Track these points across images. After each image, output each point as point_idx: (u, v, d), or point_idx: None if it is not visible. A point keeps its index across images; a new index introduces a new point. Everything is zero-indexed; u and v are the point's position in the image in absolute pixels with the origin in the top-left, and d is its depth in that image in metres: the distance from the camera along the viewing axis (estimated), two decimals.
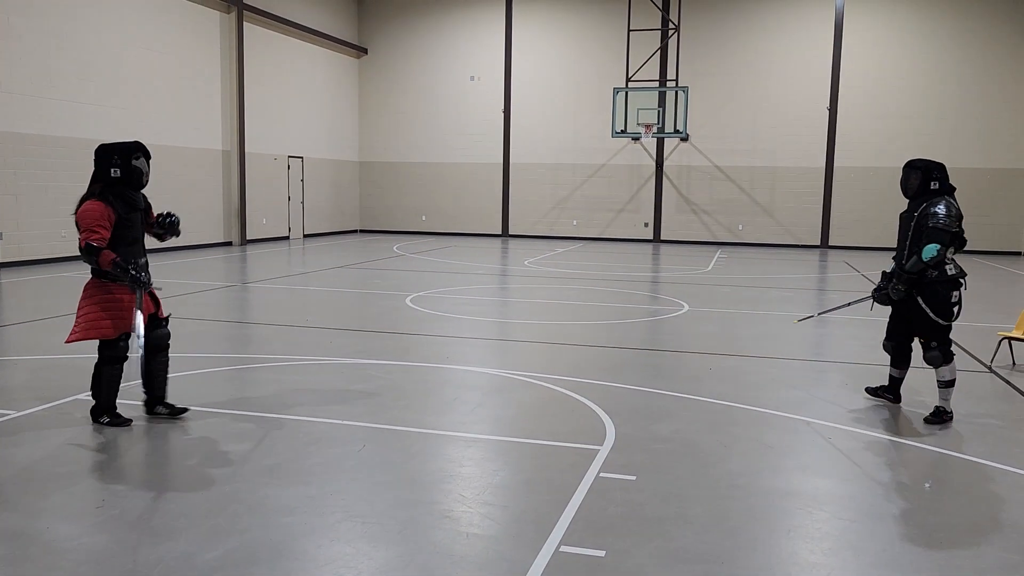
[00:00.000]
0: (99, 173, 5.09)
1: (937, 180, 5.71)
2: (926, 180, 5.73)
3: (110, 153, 5.07)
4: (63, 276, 13.39)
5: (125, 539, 3.68)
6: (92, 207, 5.01)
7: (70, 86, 15.42)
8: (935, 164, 5.79)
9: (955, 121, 21.83)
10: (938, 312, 5.69)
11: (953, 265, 5.68)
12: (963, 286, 5.77)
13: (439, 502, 4.20)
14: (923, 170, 5.76)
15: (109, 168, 5.04)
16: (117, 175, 5.07)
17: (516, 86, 24.69)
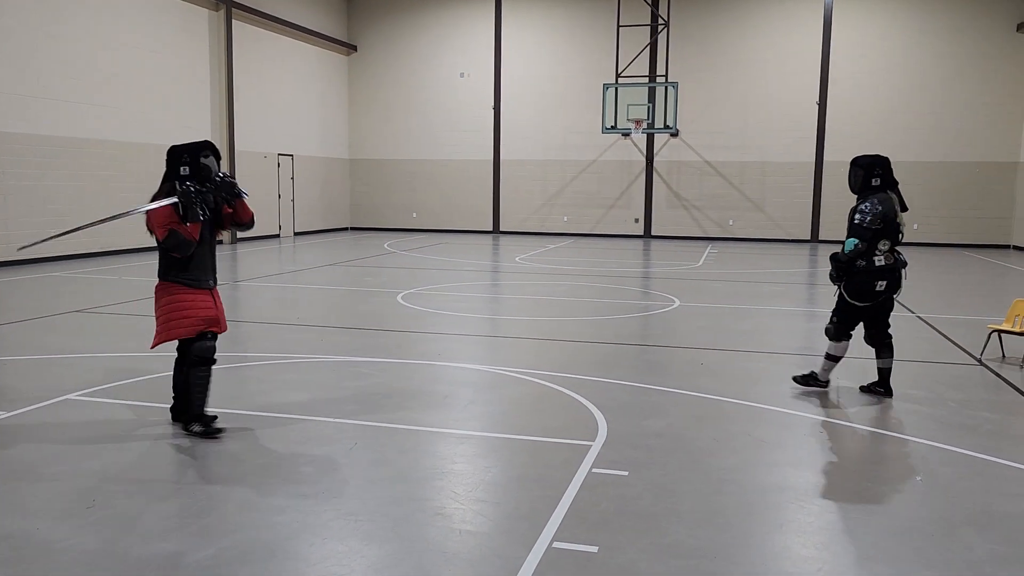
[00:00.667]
0: (170, 172, 5.14)
1: (879, 176, 6.06)
2: (868, 177, 6.08)
3: (180, 152, 5.14)
4: (53, 276, 13.31)
5: (116, 539, 3.66)
6: (156, 212, 5.01)
7: (58, 85, 15.32)
8: (878, 161, 6.11)
9: (944, 115, 21.91)
10: (853, 293, 6.13)
11: (885, 257, 6.04)
12: (903, 276, 6.14)
13: (431, 499, 4.20)
14: (865, 168, 6.09)
15: (179, 166, 5.09)
16: (186, 172, 5.09)
17: (506, 82, 24.65)
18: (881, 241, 5.99)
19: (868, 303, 6.12)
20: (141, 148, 17.47)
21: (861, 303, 6.12)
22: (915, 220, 22.43)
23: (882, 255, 6.03)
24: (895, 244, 6.07)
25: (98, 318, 9.48)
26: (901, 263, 6.11)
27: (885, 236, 6.00)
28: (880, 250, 6.02)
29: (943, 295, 12.63)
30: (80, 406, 5.79)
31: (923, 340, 8.78)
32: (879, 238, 5.99)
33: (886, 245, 6.02)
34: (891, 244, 6.04)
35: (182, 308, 5.03)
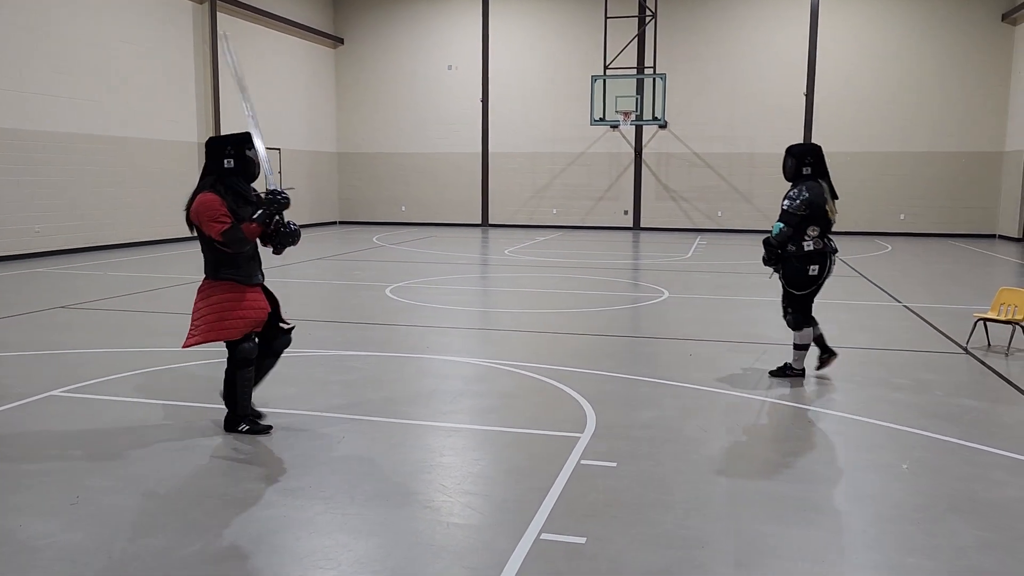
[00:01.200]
0: (212, 164, 4.87)
1: (809, 165, 6.24)
2: (799, 165, 6.25)
3: (223, 143, 4.87)
4: (37, 272, 13.20)
5: (100, 535, 3.63)
6: (207, 198, 4.75)
7: (44, 79, 15.16)
8: (809, 149, 6.30)
9: (930, 105, 21.99)
10: (791, 283, 6.30)
11: (814, 242, 6.22)
12: (832, 261, 6.32)
13: (420, 492, 4.18)
14: (797, 156, 6.27)
15: (223, 159, 4.83)
16: (231, 165, 4.85)
17: (494, 75, 24.59)
18: (810, 227, 6.18)
19: (810, 288, 6.31)
20: (126, 143, 17.33)
21: (804, 291, 6.29)
22: (901, 210, 22.54)
23: (811, 240, 6.20)
24: (825, 230, 6.25)
25: (83, 313, 9.41)
26: (831, 249, 6.31)
27: (814, 222, 6.17)
28: (809, 235, 6.20)
29: (929, 284, 12.69)
30: (65, 402, 5.75)
31: (909, 329, 8.82)
32: (807, 223, 6.17)
33: (815, 231, 6.20)
34: (820, 230, 6.21)
35: (236, 308, 4.82)
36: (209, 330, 4.79)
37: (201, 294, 4.92)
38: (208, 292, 4.88)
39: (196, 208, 4.75)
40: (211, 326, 4.79)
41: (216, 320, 4.79)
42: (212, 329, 4.79)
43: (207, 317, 4.81)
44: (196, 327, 4.84)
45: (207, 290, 4.89)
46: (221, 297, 4.82)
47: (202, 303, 4.88)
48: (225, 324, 4.80)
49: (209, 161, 4.87)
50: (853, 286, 12.27)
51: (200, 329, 4.82)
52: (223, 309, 4.81)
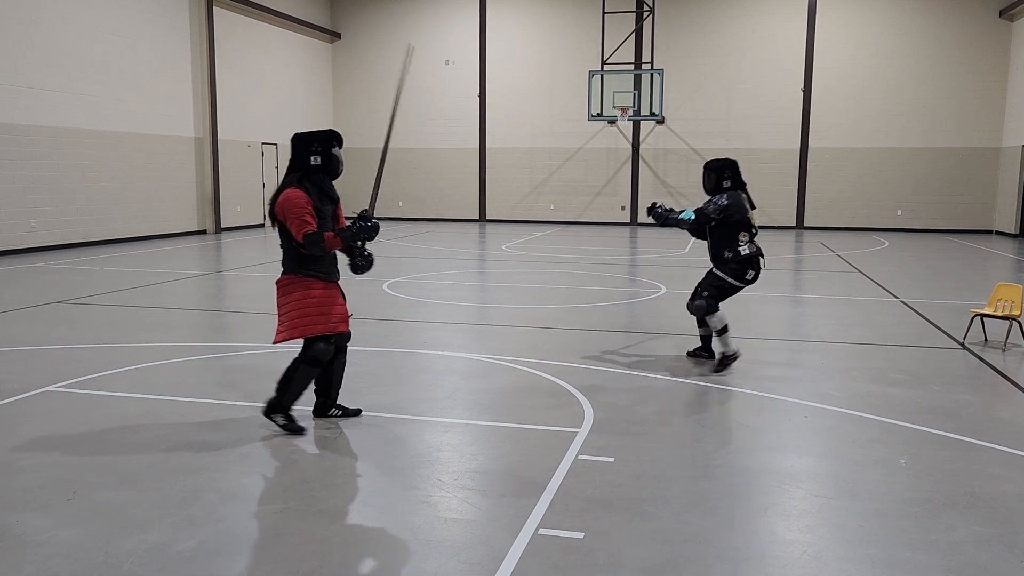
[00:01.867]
0: (298, 161, 4.83)
1: (728, 178, 6.65)
2: (720, 179, 6.66)
3: (310, 141, 4.83)
4: (32, 267, 13.16)
5: (97, 531, 3.62)
6: (294, 194, 4.73)
7: (37, 73, 15.10)
8: (728, 164, 6.70)
9: (928, 101, 22.00)
10: (729, 275, 6.71)
11: (748, 246, 6.65)
12: (762, 265, 6.75)
13: (417, 487, 4.18)
14: (716, 171, 6.67)
15: (309, 156, 4.79)
16: (318, 163, 4.81)
17: (491, 70, 24.54)
18: (740, 234, 6.63)
19: (742, 285, 6.75)
20: (121, 137, 17.28)
21: (739, 283, 6.71)
22: (898, 206, 22.56)
23: (746, 244, 6.64)
24: (751, 237, 6.71)
25: (79, 309, 9.39)
26: (761, 253, 6.75)
27: (742, 229, 6.62)
28: (742, 240, 6.64)
29: (926, 280, 12.70)
30: (61, 397, 5.73)
31: (906, 324, 8.83)
32: (737, 230, 6.62)
33: (746, 236, 6.65)
34: (749, 236, 6.67)
35: (322, 305, 4.84)
36: (293, 327, 4.81)
37: (283, 290, 4.89)
38: (291, 288, 4.85)
39: (282, 204, 4.73)
40: (294, 323, 4.80)
41: (299, 317, 4.80)
42: (296, 326, 4.81)
43: (291, 314, 4.82)
44: (283, 323, 4.86)
45: (289, 286, 4.86)
46: (304, 294, 4.82)
47: (285, 299, 4.86)
48: (306, 322, 4.82)
49: (295, 157, 4.85)
50: (850, 282, 12.28)
51: (286, 325, 4.84)
52: (305, 306, 4.82)
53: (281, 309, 4.88)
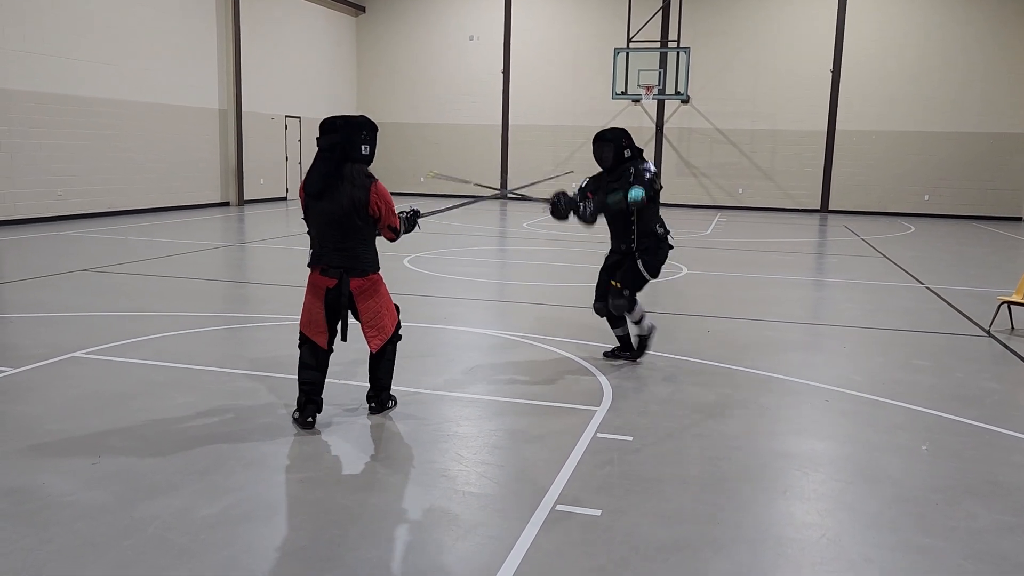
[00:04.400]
0: (347, 147, 4.44)
1: (628, 147, 5.89)
2: (619, 149, 5.87)
3: (359, 127, 4.48)
4: (59, 235, 13.31)
5: (122, 495, 3.68)
6: (384, 188, 4.57)
7: (64, 42, 15.18)
8: (622, 132, 5.93)
9: (958, 85, 21.59)
10: (650, 269, 5.96)
11: (662, 224, 5.98)
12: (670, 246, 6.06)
13: (435, 461, 4.20)
14: (614, 140, 5.87)
15: (360, 144, 4.46)
16: (367, 153, 4.51)
17: (516, 46, 24.36)
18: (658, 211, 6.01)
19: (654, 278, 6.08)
20: (147, 108, 17.36)
21: (654, 276, 6.03)
22: (925, 191, 22.23)
23: (660, 222, 5.99)
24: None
25: (105, 277, 9.49)
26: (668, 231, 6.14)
27: (654, 203, 5.91)
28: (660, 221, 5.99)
29: (953, 266, 12.54)
30: (86, 363, 5.81)
31: (932, 311, 8.73)
32: (658, 206, 5.98)
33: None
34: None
35: (389, 293, 4.79)
36: (390, 324, 4.70)
37: (370, 290, 4.60)
38: (375, 289, 4.62)
39: (386, 198, 4.53)
40: (389, 320, 4.69)
41: (389, 313, 4.72)
42: (392, 319, 4.73)
43: (383, 313, 4.66)
44: (380, 324, 4.64)
45: (376, 284, 4.64)
46: (383, 290, 4.71)
47: (376, 300, 4.63)
48: (394, 311, 4.79)
49: (347, 143, 4.43)
50: (875, 267, 12.15)
51: (380, 327, 4.65)
52: (388, 299, 4.74)
53: (372, 309, 4.62)
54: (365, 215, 4.47)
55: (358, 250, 4.52)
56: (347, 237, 4.48)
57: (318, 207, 4.47)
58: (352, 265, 4.51)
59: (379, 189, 4.50)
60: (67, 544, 3.24)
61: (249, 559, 3.16)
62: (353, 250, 4.50)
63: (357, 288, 4.54)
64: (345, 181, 4.42)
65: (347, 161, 4.44)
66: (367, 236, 4.56)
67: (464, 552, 3.27)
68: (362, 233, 4.51)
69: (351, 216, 4.43)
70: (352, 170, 4.44)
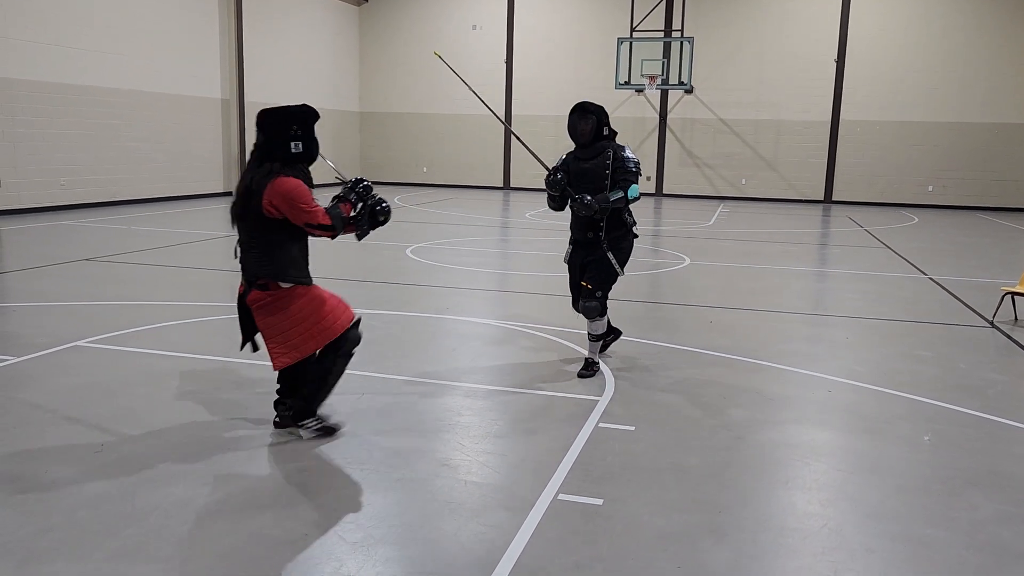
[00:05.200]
0: (274, 147, 3.99)
1: (606, 125, 5.54)
2: (600, 125, 5.51)
3: (287, 121, 4.01)
4: (62, 224, 13.31)
5: (124, 483, 3.69)
6: (294, 183, 3.95)
7: (67, 32, 15.14)
8: (602, 108, 5.58)
9: (963, 75, 21.47)
10: (621, 263, 5.63)
11: (631, 214, 5.66)
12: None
13: (438, 450, 4.21)
14: (596, 114, 5.51)
15: (288, 141, 3.98)
16: (299, 150, 4.02)
17: (519, 35, 24.26)
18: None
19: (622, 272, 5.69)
20: (150, 97, 17.33)
21: (622, 272, 5.66)
22: (929, 182, 22.15)
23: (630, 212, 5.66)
24: None
25: (108, 266, 9.50)
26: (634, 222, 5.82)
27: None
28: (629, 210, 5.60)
29: (956, 257, 12.50)
30: (89, 352, 5.82)
31: (935, 301, 8.71)
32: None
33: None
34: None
35: (326, 303, 4.15)
36: (311, 338, 4.07)
37: (268, 309, 4.05)
38: (279, 305, 4.04)
39: (285, 195, 3.90)
40: (306, 338, 4.06)
41: (314, 324, 4.08)
42: (308, 340, 4.07)
43: (295, 331, 4.05)
44: (290, 341, 4.04)
45: (276, 303, 4.04)
46: (299, 304, 4.07)
47: (277, 319, 4.05)
48: (326, 324, 4.11)
49: (269, 142, 4.01)
50: (878, 257, 12.12)
51: (290, 345, 4.04)
52: (308, 315, 4.08)
53: (277, 327, 4.04)
54: (261, 218, 3.95)
55: (261, 259, 4.02)
56: (251, 243, 4.04)
57: (234, 212, 4.10)
58: (256, 274, 4.05)
59: (276, 188, 3.90)
60: (69, 532, 3.25)
61: (251, 548, 3.17)
62: (257, 259, 4.03)
63: (254, 302, 4.07)
64: (254, 181, 3.97)
65: (281, 161, 3.99)
66: (273, 243, 4.00)
67: (466, 541, 3.27)
68: (261, 238, 4.00)
69: (251, 220, 3.99)
70: (270, 168, 3.97)
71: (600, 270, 5.58)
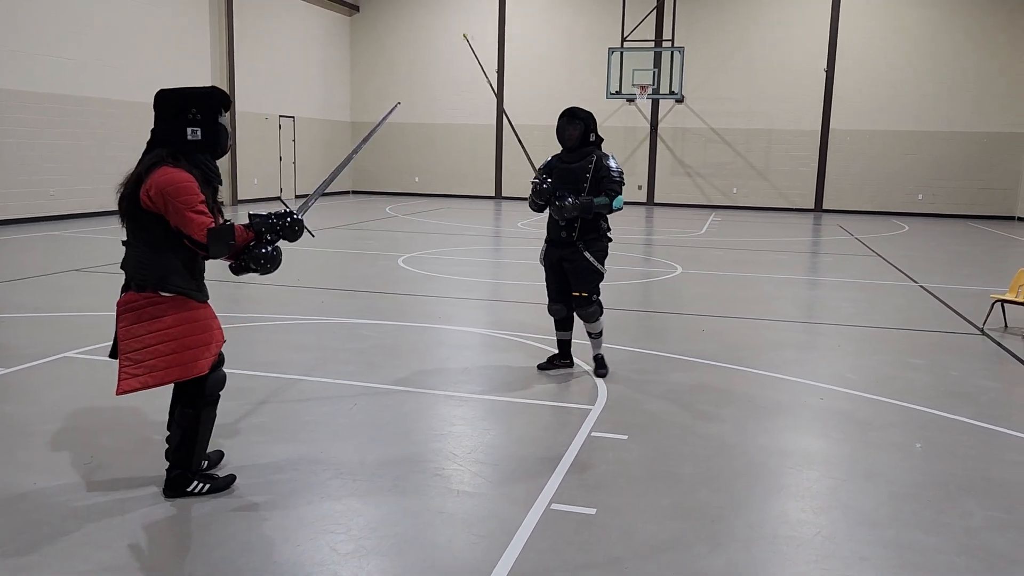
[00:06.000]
0: (168, 132, 3.45)
1: (593, 131, 5.62)
2: (587, 131, 5.59)
3: (184, 103, 3.45)
4: (50, 235, 13.25)
5: (113, 495, 3.66)
6: (179, 176, 3.36)
7: (55, 42, 15.11)
8: (590, 115, 5.66)
9: (951, 84, 21.64)
10: (600, 261, 5.64)
11: (606, 219, 5.70)
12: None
13: (430, 460, 4.19)
14: (585, 121, 5.59)
15: (185, 127, 3.44)
16: (197, 137, 3.46)
17: (510, 46, 24.34)
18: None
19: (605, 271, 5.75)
20: (140, 108, 17.26)
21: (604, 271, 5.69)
22: (919, 190, 22.28)
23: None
24: None
25: (97, 277, 9.45)
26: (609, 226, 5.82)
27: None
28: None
29: (946, 265, 12.57)
30: (78, 364, 5.78)
31: (925, 309, 8.75)
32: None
33: None
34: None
35: (201, 332, 3.55)
36: (168, 367, 3.44)
37: (137, 314, 3.46)
38: (153, 312, 3.45)
39: (163, 188, 3.33)
40: (170, 362, 3.44)
41: (174, 352, 3.45)
42: (172, 366, 3.44)
43: (159, 348, 3.43)
44: (141, 364, 3.42)
45: (149, 309, 3.45)
46: (176, 318, 3.47)
47: (144, 328, 3.44)
48: (190, 356, 3.48)
49: (163, 125, 3.46)
50: (869, 266, 12.17)
51: (147, 365, 3.42)
52: (183, 334, 3.48)
53: (139, 339, 3.43)
54: (136, 212, 3.42)
55: (140, 261, 3.49)
56: (130, 240, 3.53)
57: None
58: (132, 273, 3.52)
59: (168, 178, 3.35)
60: (59, 545, 3.22)
61: (243, 559, 3.15)
62: (136, 260, 3.51)
63: (125, 303, 3.50)
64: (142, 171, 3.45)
65: (175, 147, 3.45)
66: (152, 242, 3.45)
67: (459, 552, 3.26)
68: (141, 235, 3.47)
69: (127, 215, 3.48)
70: (157, 155, 3.45)
71: (585, 275, 5.62)
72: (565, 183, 5.59)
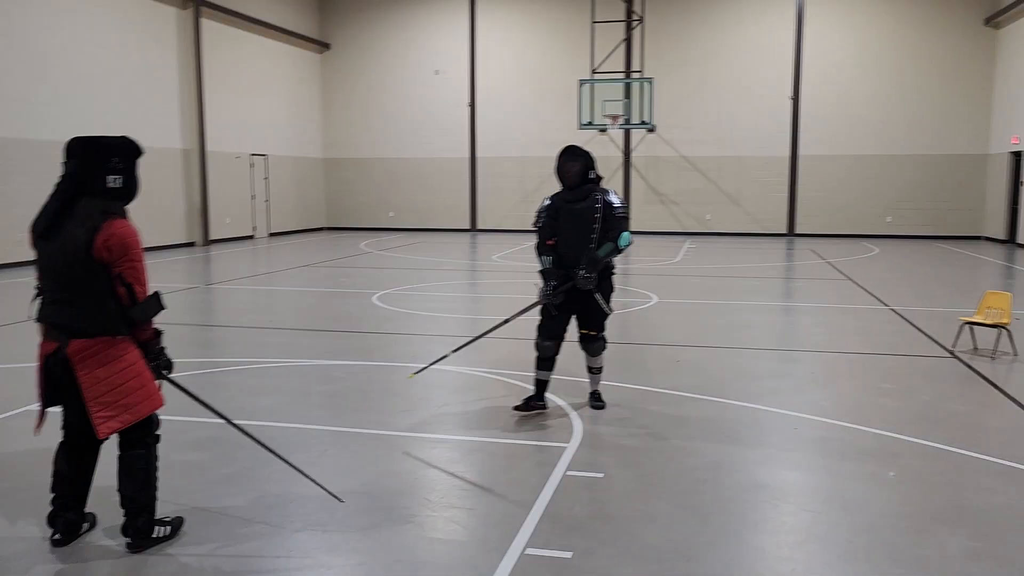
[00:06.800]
0: (87, 178, 3.48)
1: (592, 169, 5.59)
2: (586, 169, 5.54)
3: (107, 152, 3.49)
4: (18, 283, 13.04)
5: (73, 553, 3.55)
6: (132, 231, 3.49)
7: (21, 86, 15.01)
8: (590, 153, 5.62)
9: (915, 108, 22.08)
10: (607, 300, 5.68)
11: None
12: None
13: (402, 507, 4.12)
14: (584, 158, 5.55)
15: (106, 174, 3.47)
16: (118, 185, 3.50)
17: (481, 80, 24.54)
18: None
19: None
20: None
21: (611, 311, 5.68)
22: (887, 213, 22.61)
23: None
24: None
25: None
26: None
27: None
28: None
29: (915, 287, 12.71)
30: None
31: (895, 332, 8.82)
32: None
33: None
34: None
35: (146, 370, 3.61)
36: (140, 402, 3.51)
37: (98, 359, 3.43)
38: (113, 353, 3.46)
39: (124, 239, 3.42)
40: (141, 396, 3.52)
41: (142, 387, 3.53)
42: (143, 400, 3.53)
43: (130, 385, 3.49)
44: (114, 405, 3.44)
45: (110, 351, 3.45)
46: (134, 355, 3.54)
47: (107, 371, 3.44)
48: (153, 388, 3.59)
49: (83, 171, 3.49)
50: (840, 289, 12.28)
51: (121, 405, 3.46)
52: (142, 370, 3.56)
53: (108, 381, 3.44)
54: (88, 261, 3.38)
55: (84, 305, 3.44)
56: (66, 288, 3.46)
57: (42, 249, 3.57)
58: (72, 325, 3.44)
59: (114, 230, 3.40)
60: None
61: None
62: (75, 304, 3.45)
63: (77, 353, 3.42)
64: (73, 219, 3.46)
65: (84, 195, 3.48)
66: (97, 290, 3.42)
67: None
68: (89, 286, 3.42)
69: (72, 264, 3.40)
70: (88, 206, 3.46)
71: (595, 315, 5.70)
72: (574, 226, 5.53)
